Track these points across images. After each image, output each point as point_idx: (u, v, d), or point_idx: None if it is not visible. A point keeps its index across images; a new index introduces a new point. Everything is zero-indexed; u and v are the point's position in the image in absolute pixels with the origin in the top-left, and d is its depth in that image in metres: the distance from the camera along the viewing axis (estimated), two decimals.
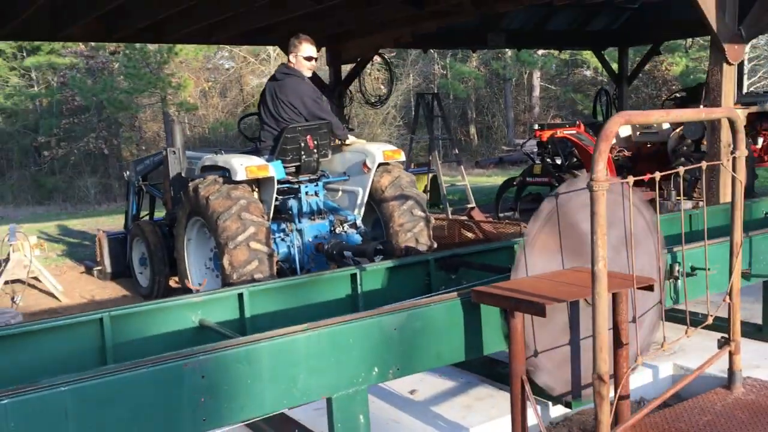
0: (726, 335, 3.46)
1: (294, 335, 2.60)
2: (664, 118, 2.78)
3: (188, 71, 24.57)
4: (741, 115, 9.88)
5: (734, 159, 3.35)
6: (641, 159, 9.34)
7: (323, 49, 11.84)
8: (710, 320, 3.20)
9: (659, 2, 12.40)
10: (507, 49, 21.63)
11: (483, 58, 30.24)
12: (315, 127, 5.65)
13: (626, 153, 9.28)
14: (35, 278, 7.79)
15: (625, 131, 9.48)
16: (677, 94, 9.56)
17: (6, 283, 7.63)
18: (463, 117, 32.33)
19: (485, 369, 3.96)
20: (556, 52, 26.96)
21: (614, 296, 2.96)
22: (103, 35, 9.89)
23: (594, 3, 12.43)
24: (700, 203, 6.30)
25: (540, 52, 26.88)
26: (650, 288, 2.94)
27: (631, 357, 3.41)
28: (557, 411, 3.57)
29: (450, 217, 9.05)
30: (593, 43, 14.92)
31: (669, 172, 3.16)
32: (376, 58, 11.90)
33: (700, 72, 23.91)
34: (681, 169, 3.39)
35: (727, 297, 3.37)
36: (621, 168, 9.05)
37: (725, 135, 6.00)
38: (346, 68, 11.95)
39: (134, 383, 2.28)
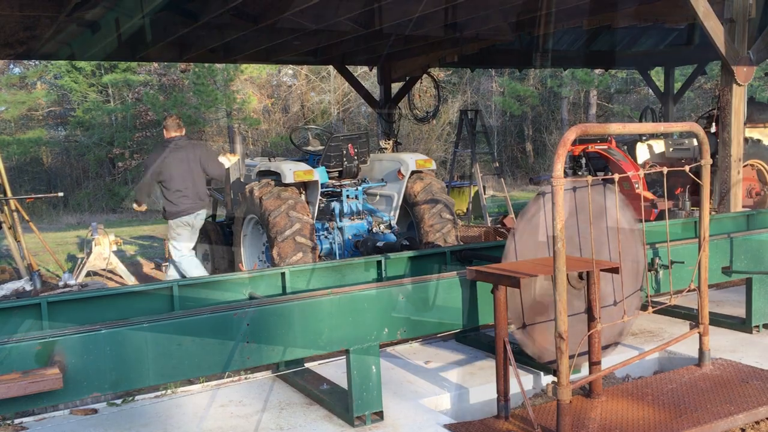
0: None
1: (320, 298, 3.32)
2: (620, 130, 3.35)
3: (253, 88, 25.84)
4: None
5: (700, 167, 3.94)
6: (674, 173, 9.69)
7: (375, 69, 12.66)
8: (672, 301, 3.78)
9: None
10: (561, 68, 22.12)
11: (539, 77, 30.59)
12: (355, 136, 6.41)
13: (659, 168, 9.65)
14: (111, 272, 8.76)
15: (659, 147, 9.89)
16: (711, 112, 9.91)
17: (87, 275, 8.61)
18: (519, 134, 32.73)
19: (491, 347, 4.59)
20: (613, 71, 27.08)
21: (588, 278, 3.59)
22: (175, 56, 10.94)
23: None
24: (713, 212, 6.75)
25: (597, 70, 27.10)
26: (614, 271, 3.54)
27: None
28: (548, 379, 4.17)
29: (488, 225, 9.66)
30: (639, 63, 15.23)
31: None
32: (426, 77, 12.59)
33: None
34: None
35: (692, 284, 3.92)
36: (654, 183, 9.44)
37: (735, 150, 6.49)
38: (396, 87, 12.69)
39: (196, 325, 3.03)
